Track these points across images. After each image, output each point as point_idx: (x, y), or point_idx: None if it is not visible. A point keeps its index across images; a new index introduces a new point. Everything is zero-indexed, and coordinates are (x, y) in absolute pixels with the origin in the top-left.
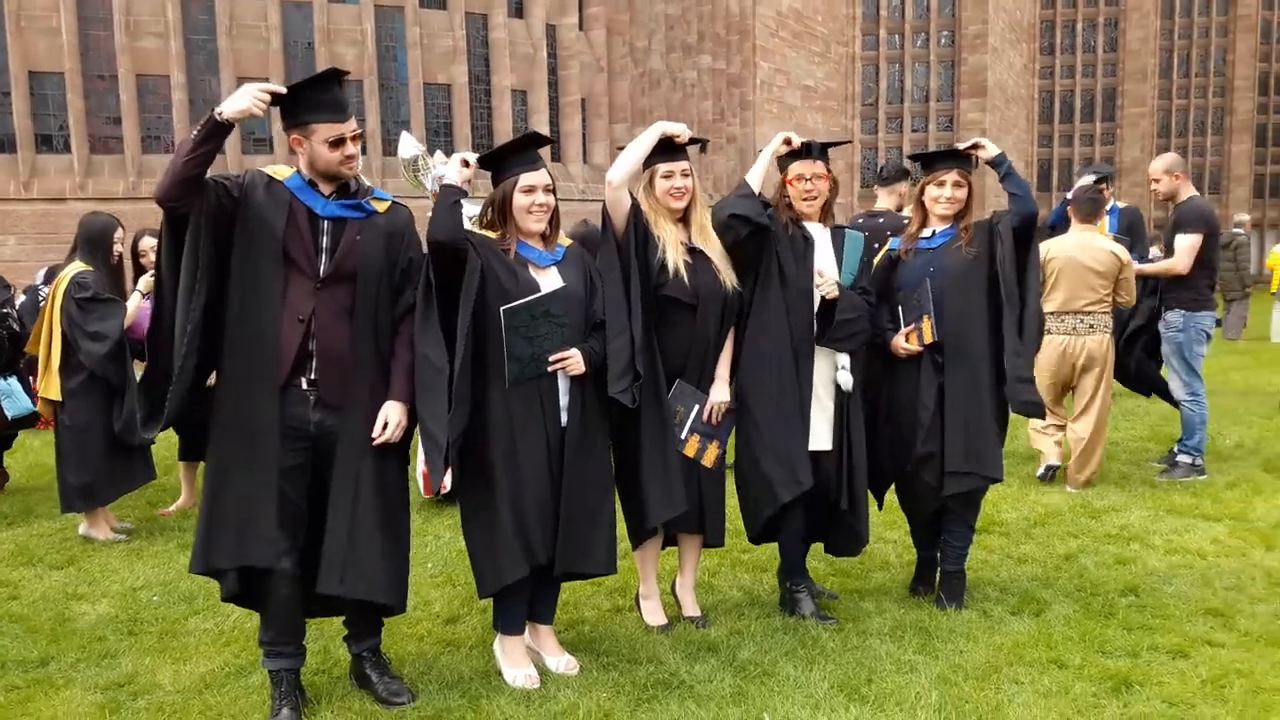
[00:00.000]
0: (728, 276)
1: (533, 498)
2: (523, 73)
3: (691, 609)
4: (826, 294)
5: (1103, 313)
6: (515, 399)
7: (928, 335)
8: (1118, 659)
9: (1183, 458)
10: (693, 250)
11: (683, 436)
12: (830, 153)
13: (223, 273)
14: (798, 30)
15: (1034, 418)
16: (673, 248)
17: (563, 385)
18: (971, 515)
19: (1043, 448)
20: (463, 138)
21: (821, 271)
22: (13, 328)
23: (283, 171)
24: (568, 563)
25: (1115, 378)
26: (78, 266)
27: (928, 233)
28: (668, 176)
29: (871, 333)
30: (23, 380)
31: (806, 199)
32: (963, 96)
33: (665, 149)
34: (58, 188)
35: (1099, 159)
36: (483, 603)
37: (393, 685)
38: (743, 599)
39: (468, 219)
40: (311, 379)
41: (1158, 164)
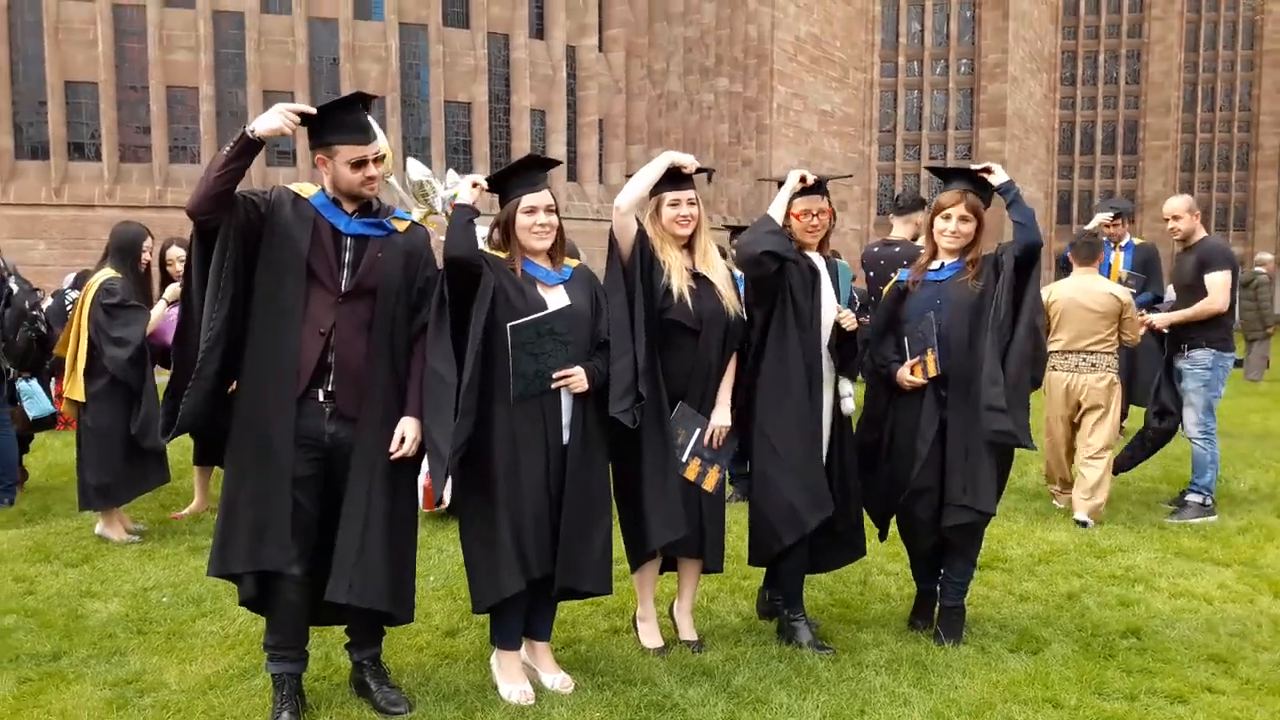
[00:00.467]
0: (730, 303)
1: (531, 512)
2: (542, 93)
3: (688, 633)
4: (847, 326)
5: (1105, 352)
6: (519, 414)
7: (931, 368)
8: (1114, 701)
9: (1192, 497)
10: (697, 276)
11: (684, 459)
12: (848, 180)
13: (248, 285)
14: (816, 55)
15: (1014, 446)
16: (678, 273)
17: (565, 402)
18: (972, 551)
19: (1055, 490)
20: (481, 156)
21: (840, 308)
22: (40, 330)
23: (308, 189)
24: (565, 579)
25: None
26: (107, 273)
27: (936, 265)
28: (674, 205)
29: (875, 363)
30: (44, 383)
31: (811, 232)
32: (981, 125)
33: (672, 178)
34: (87, 195)
35: (1120, 192)
36: (481, 617)
37: (391, 695)
38: (740, 625)
39: (480, 240)
40: (328, 391)
41: (1179, 203)
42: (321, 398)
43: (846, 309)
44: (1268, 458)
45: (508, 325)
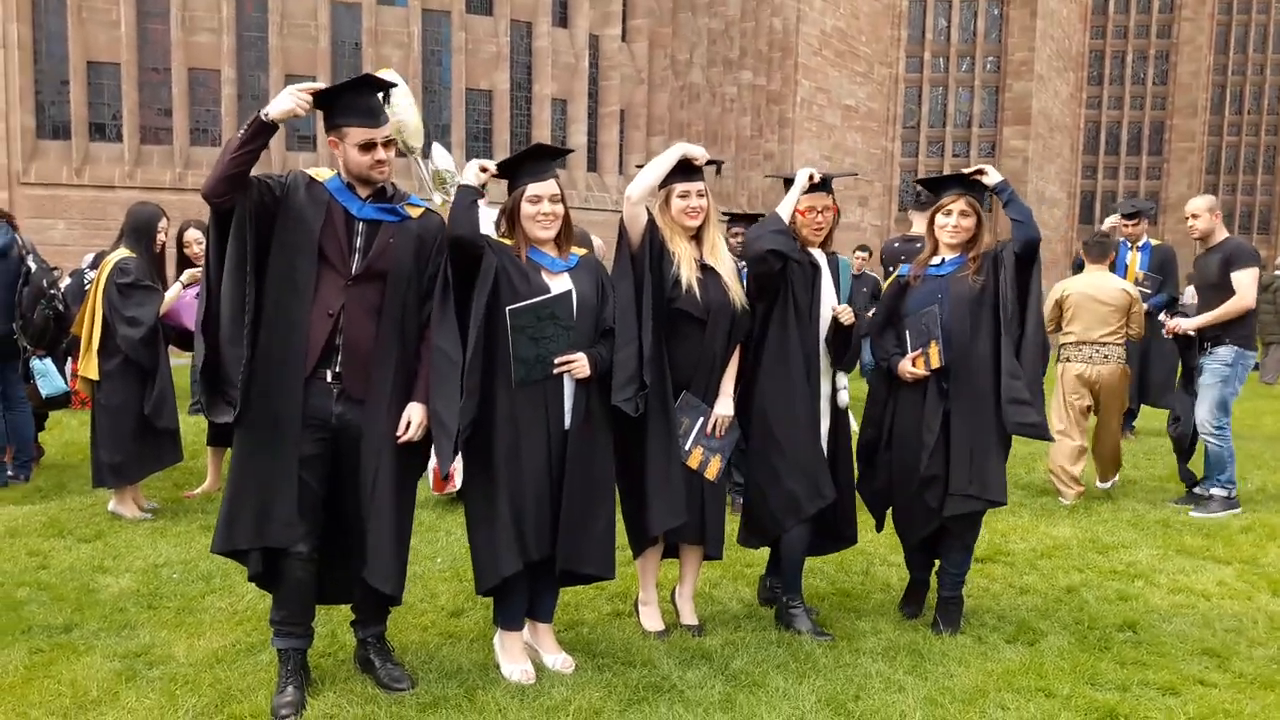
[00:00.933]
0: (737, 295)
1: (532, 495)
2: (564, 81)
3: (689, 618)
4: (845, 321)
5: (1116, 343)
6: (521, 399)
7: (935, 360)
8: (1107, 692)
9: (1217, 491)
10: (705, 267)
11: (686, 448)
12: (869, 175)
13: (262, 266)
14: (841, 50)
15: (1036, 439)
16: (687, 264)
17: (568, 388)
18: (970, 537)
19: (1061, 486)
20: (501, 144)
21: (837, 305)
22: (57, 308)
23: (324, 173)
24: (565, 561)
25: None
26: (122, 253)
27: (937, 260)
28: (684, 196)
29: (876, 356)
30: (58, 362)
31: (815, 229)
32: (1006, 123)
33: (683, 169)
34: (108, 175)
35: (1144, 193)
36: (486, 598)
37: (394, 671)
38: (741, 611)
39: (488, 222)
40: (336, 372)
41: (1200, 203)
42: (329, 378)
43: (845, 305)
44: (1277, 459)
45: (507, 309)
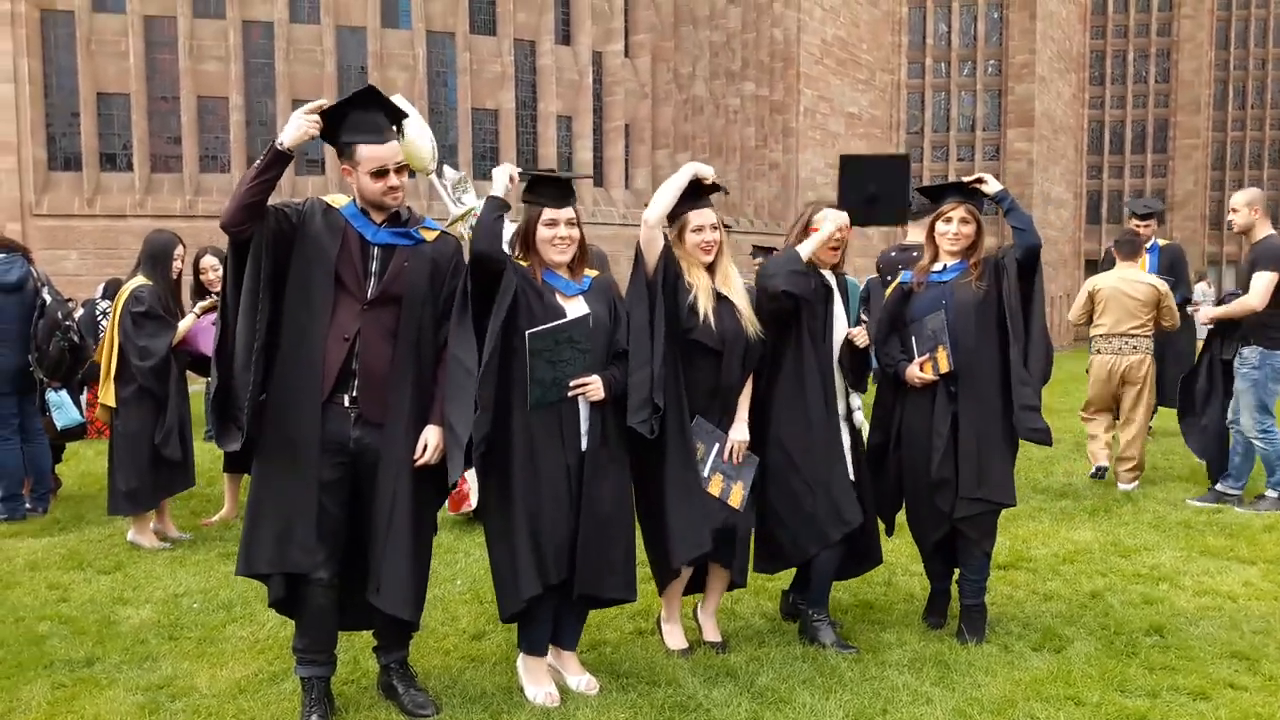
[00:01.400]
0: (750, 323)
1: (549, 518)
2: (568, 99)
3: (712, 634)
4: (861, 344)
5: (1144, 336)
6: (536, 422)
7: (943, 365)
8: (1137, 698)
9: (1270, 493)
10: (719, 296)
11: (705, 474)
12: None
13: (280, 294)
14: (842, 58)
15: (1042, 445)
16: (705, 294)
17: (583, 410)
18: (987, 543)
19: (1094, 449)
20: (508, 160)
21: (851, 329)
22: (73, 340)
23: (340, 200)
24: (584, 586)
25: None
26: (139, 281)
27: (938, 267)
28: (698, 230)
29: (881, 362)
30: (74, 393)
31: (833, 250)
32: (1010, 126)
33: (694, 194)
34: (119, 205)
35: (1150, 191)
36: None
37: (418, 697)
38: (764, 626)
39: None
40: (353, 396)
41: (1239, 196)
42: (347, 403)
43: (859, 328)
44: None
45: (526, 332)
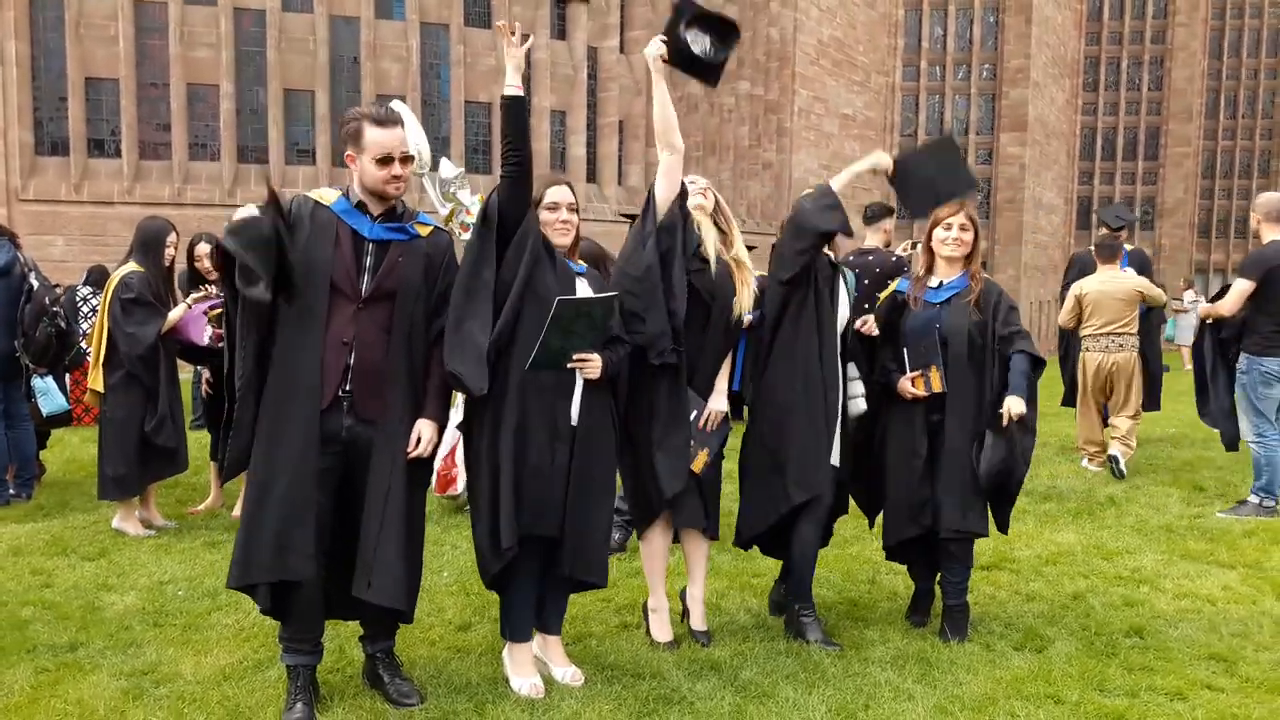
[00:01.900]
0: (743, 300)
1: (534, 481)
2: (563, 94)
3: (699, 622)
4: (868, 332)
5: (1130, 334)
6: (530, 390)
7: (936, 384)
8: (1115, 698)
9: (1251, 498)
10: (725, 263)
11: None
12: (869, 182)
13: (274, 303)
14: (838, 59)
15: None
16: (712, 244)
17: (578, 386)
18: (967, 557)
19: (1086, 444)
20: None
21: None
22: (60, 326)
23: (328, 196)
24: (570, 568)
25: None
26: (130, 267)
27: (935, 283)
28: (693, 182)
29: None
30: (59, 379)
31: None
32: (1003, 130)
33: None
34: (106, 191)
35: (1140, 198)
36: (493, 612)
37: (403, 686)
38: (749, 622)
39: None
40: (346, 390)
41: (1258, 200)
42: (339, 395)
43: (868, 318)
44: None
45: (557, 298)
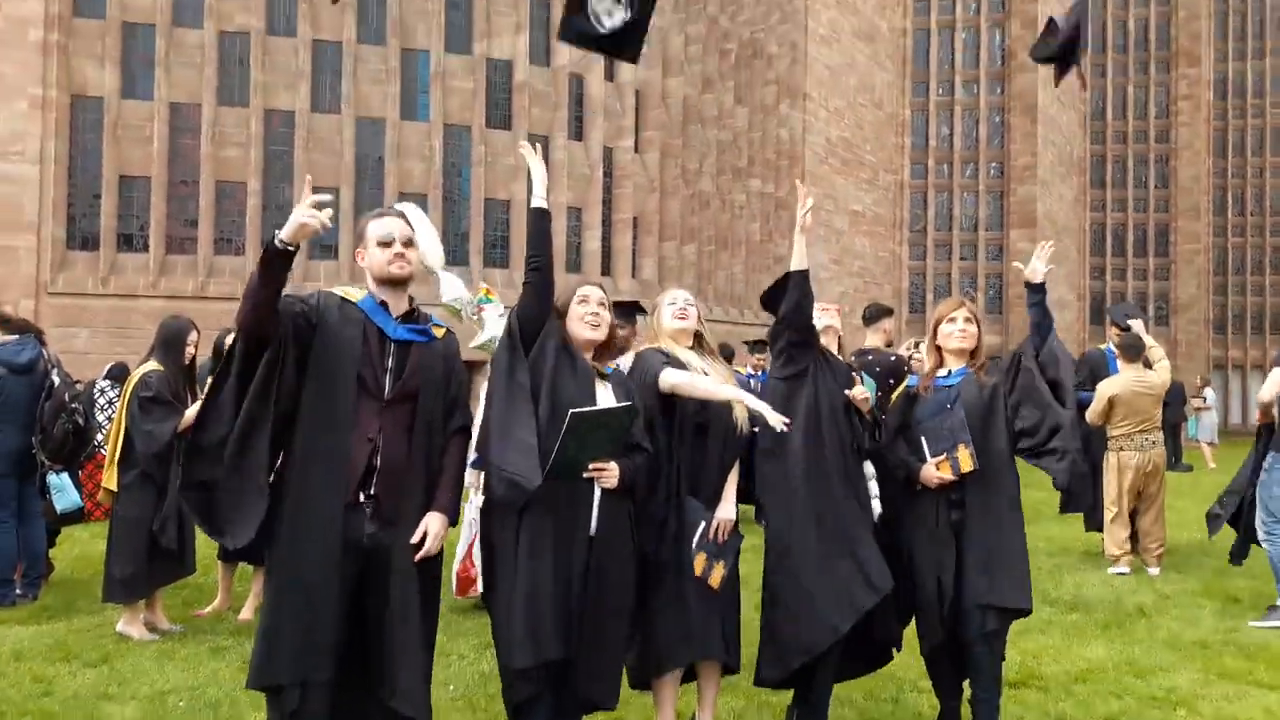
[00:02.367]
0: (739, 414)
1: (550, 594)
2: (579, 191)
3: None
4: (859, 397)
5: (1157, 430)
6: (547, 498)
7: (965, 464)
8: None
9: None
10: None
11: (691, 551)
12: (880, 277)
13: (295, 390)
14: (846, 158)
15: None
16: (697, 365)
17: (596, 494)
18: (999, 657)
19: (1114, 549)
20: (519, 250)
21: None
22: (78, 422)
23: (355, 293)
24: (583, 689)
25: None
26: (151, 366)
27: (944, 372)
28: (673, 303)
29: (890, 464)
30: (74, 477)
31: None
32: (1012, 226)
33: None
34: (132, 285)
35: (1153, 294)
36: None
37: None
38: None
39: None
40: (370, 493)
41: None
42: (363, 499)
43: (858, 389)
44: None
45: (571, 411)
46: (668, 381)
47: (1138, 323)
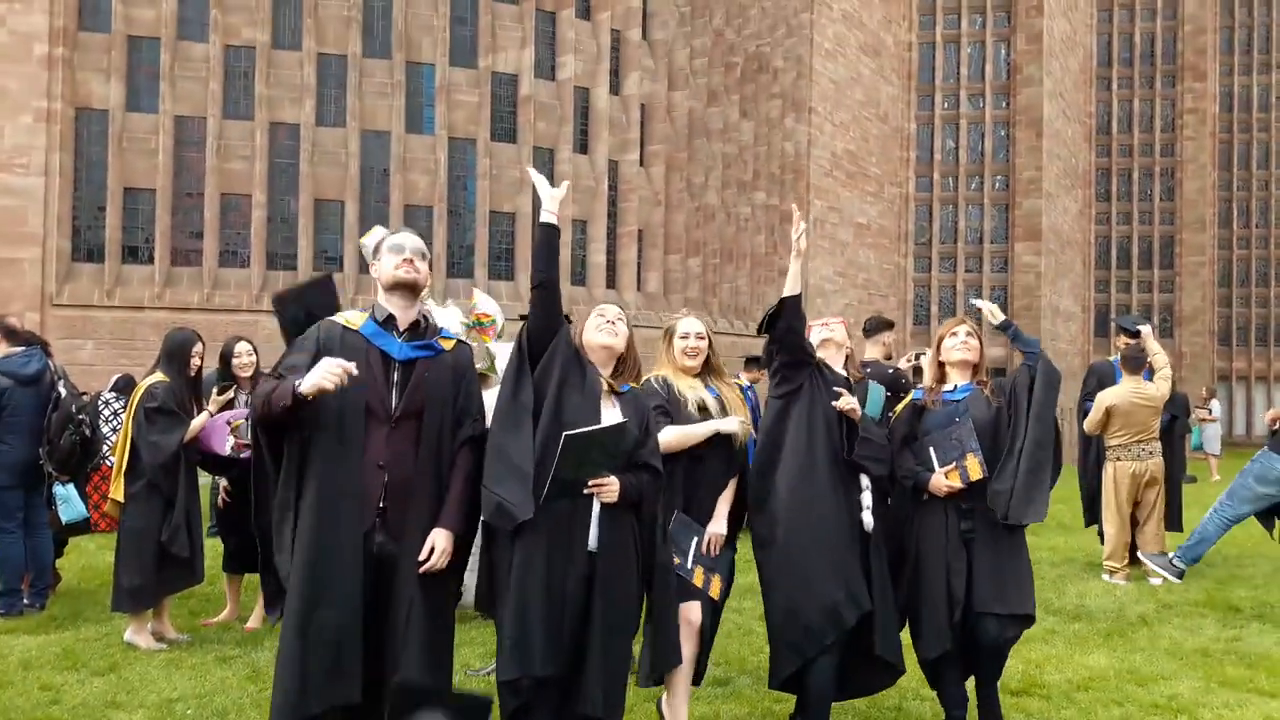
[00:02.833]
0: (741, 428)
1: (542, 609)
2: (584, 204)
3: None
4: (846, 407)
5: (1155, 440)
6: (546, 514)
7: (974, 472)
8: None
9: (1176, 561)
10: (716, 397)
11: (689, 566)
12: (885, 289)
13: (304, 425)
14: (852, 171)
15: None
16: (694, 397)
17: (594, 509)
18: (997, 668)
19: (1113, 562)
20: (523, 262)
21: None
22: (85, 434)
23: (356, 319)
24: (584, 704)
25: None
26: (156, 377)
27: (949, 386)
28: (684, 338)
29: (891, 469)
30: (80, 488)
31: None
32: (1017, 239)
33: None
34: (137, 296)
35: (1158, 306)
36: None
37: None
38: None
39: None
40: (379, 507)
41: None
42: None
43: (844, 399)
44: None
45: (564, 434)
46: (662, 444)
47: (1147, 327)
